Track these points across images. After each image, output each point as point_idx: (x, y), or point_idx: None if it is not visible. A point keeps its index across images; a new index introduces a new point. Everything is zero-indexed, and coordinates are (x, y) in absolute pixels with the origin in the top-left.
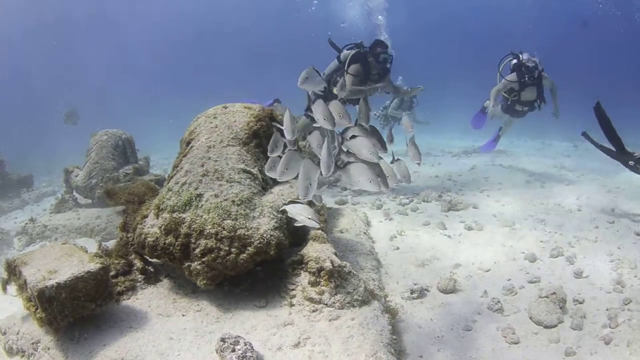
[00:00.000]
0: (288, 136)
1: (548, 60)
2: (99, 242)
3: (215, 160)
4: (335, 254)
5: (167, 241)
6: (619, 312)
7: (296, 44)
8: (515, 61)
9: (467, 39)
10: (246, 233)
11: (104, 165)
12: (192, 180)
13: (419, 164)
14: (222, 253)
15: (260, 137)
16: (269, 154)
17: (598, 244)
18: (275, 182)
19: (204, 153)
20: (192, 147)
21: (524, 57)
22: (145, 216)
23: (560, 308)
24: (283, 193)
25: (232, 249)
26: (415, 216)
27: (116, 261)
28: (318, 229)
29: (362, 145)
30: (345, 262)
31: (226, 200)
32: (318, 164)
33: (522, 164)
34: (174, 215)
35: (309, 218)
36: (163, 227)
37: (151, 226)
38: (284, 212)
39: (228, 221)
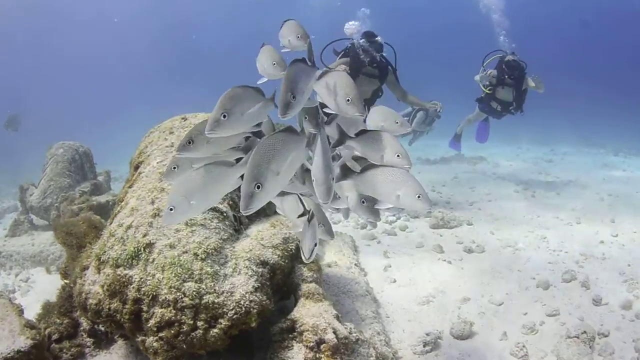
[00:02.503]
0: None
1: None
2: (45, 303)
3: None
4: (338, 317)
5: (112, 306)
6: None
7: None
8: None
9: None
10: (216, 301)
11: (59, 182)
12: (139, 222)
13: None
14: (185, 328)
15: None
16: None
17: (607, 261)
18: (252, 220)
19: (155, 183)
20: (140, 173)
21: (510, 56)
22: (86, 267)
23: (590, 347)
24: (263, 236)
25: (199, 323)
26: (405, 237)
27: (58, 320)
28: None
29: (383, 144)
30: (350, 327)
31: (186, 252)
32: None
33: (505, 171)
34: (119, 271)
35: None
36: (106, 286)
37: (92, 283)
38: (263, 264)
39: (190, 284)
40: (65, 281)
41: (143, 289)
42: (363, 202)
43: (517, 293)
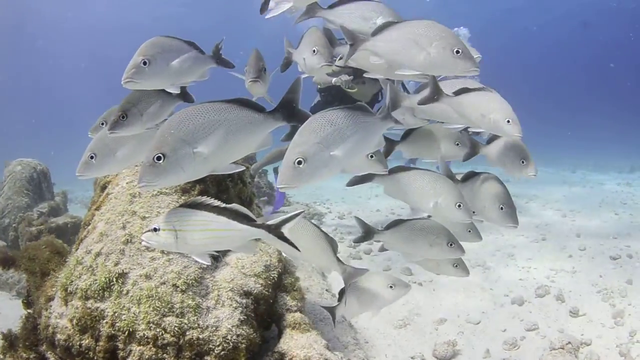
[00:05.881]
0: None
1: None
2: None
3: (143, 218)
4: (328, 347)
5: (83, 343)
6: (630, 346)
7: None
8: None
9: None
10: (200, 336)
11: (17, 201)
12: (110, 249)
13: None
14: None
15: (206, 180)
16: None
17: (578, 274)
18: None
19: (126, 205)
20: (108, 194)
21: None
22: (51, 298)
23: (576, 357)
24: (244, 264)
25: None
26: (371, 260)
27: (25, 355)
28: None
29: (487, 105)
30: (340, 356)
31: (164, 284)
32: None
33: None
34: (89, 304)
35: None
36: (75, 321)
37: (59, 316)
38: (247, 294)
39: (170, 318)
40: (29, 311)
41: (118, 324)
42: (501, 208)
43: (493, 311)
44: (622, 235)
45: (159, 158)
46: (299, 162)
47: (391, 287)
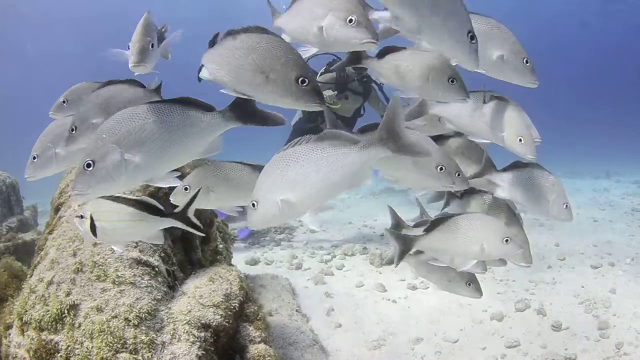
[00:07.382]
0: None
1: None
2: None
3: (95, 245)
4: None
5: None
6: (617, 359)
7: None
8: None
9: None
10: None
11: None
12: (61, 278)
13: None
14: None
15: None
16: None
17: (558, 285)
18: (187, 273)
19: (77, 231)
20: (60, 217)
21: None
22: (10, 325)
23: None
24: (202, 294)
25: None
26: (343, 276)
27: None
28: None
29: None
30: None
31: (116, 317)
32: None
33: (437, 201)
34: (43, 336)
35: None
36: (32, 352)
37: (17, 345)
38: (205, 327)
39: (124, 354)
40: None
41: (72, 358)
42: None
43: (471, 328)
44: (602, 243)
45: (88, 165)
46: (253, 205)
47: (507, 240)
